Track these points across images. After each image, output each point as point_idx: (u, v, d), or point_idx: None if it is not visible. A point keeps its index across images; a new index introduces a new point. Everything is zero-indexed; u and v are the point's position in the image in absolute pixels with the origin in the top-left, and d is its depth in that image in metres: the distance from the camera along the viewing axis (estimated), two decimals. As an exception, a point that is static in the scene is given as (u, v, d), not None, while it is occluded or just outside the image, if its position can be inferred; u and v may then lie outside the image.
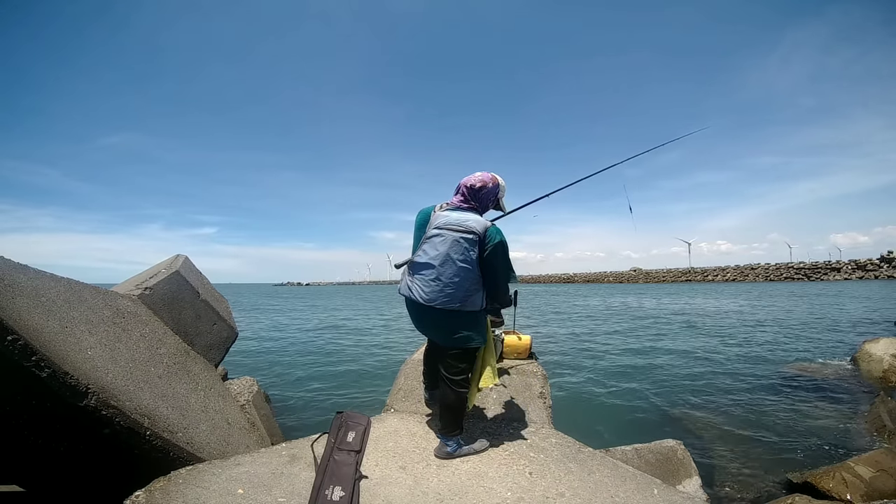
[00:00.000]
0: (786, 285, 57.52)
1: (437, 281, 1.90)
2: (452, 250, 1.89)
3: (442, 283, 1.89)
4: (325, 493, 1.61)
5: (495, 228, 1.94)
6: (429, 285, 1.92)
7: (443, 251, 1.90)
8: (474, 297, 1.94)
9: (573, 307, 23.60)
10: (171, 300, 2.97)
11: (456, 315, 1.94)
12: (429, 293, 1.91)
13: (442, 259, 1.90)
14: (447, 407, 2.03)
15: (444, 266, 1.89)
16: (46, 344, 1.64)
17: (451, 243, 1.90)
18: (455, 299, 1.90)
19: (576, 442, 2.24)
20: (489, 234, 1.90)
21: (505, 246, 1.93)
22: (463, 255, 1.89)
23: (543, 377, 2.91)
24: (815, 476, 3.05)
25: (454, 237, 1.90)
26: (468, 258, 1.89)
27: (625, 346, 10.14)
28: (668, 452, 2.85)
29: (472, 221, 1.92)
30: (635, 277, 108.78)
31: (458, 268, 1.88)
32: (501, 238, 1.92)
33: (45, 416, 1.64)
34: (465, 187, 2.02)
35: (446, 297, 1.89)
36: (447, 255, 1.89)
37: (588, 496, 1.72)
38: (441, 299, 1.90)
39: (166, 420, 1.94)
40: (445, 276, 1.89)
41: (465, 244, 1.89)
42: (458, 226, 1.91)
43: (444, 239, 1.91)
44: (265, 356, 9.49)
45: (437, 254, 1.91)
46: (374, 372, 7.77)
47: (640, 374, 7.23)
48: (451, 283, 1.89)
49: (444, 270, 1.89)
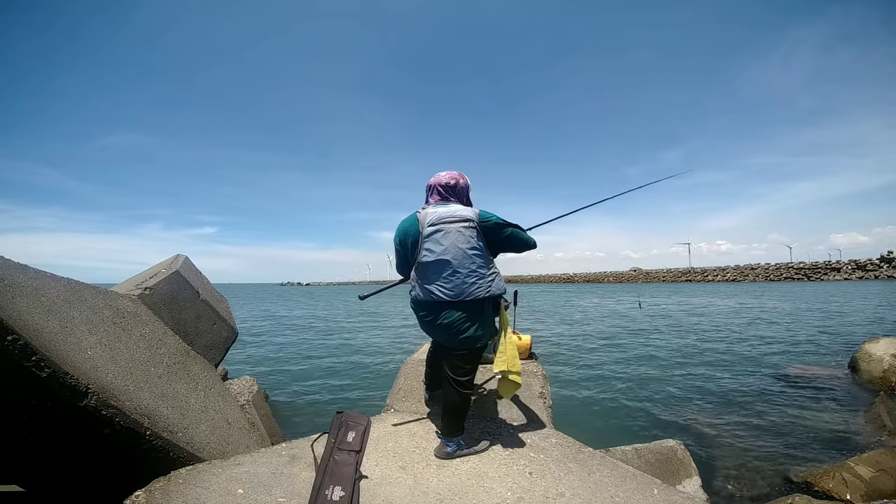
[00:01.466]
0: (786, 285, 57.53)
1: (456, 274, 1.88)
2: (458, 241, 1.89)
3: (462, 275, 1.88)
4: (325, 493, 1.61)
5: (486, 211, 1.99)
6: (450, 281, 1.89)
7: (449, 244, 1.89)
8: (496, 281, 1.95)
9: (573, 307, 23.60)
10: (171, 300, 2.97)
11: (489, 303, 1.96)
12: (452, 288, 1.88)
13: (452, 252, 1.89)
14: (451, 408, 2.02)
15: (456, 258, 1.88)
16: (46, 344, 1.64)
17: (454, 234, 1.90)
18: (481, 287, 1.90)
19: (576, 442, 2.23)
20: (483, 215, 1.96)
21: (502, 219, 1.98)
22: (468, 242, 1.90)
23: (544, 377, 2.91)
24: (815, 476, 3.05)
25: (455, 228, 1.91)
26: (474, 245, 1.90)
27: (625, 346, 10.14)
28: (668, 452, 2.85)
29: (461, 210, 1.96)
30: (635, 277, 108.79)
31: (470, 257, 1.89)
32: (496, 216, 1.98)
33: (45, 416, 1.64)
34: (440, 186, 2.06)
35: (472, 286, 1.88)
36: (455, 246, 1.89)
37: (588, 496, 1.72)
38: (469, 291, 1.88)
39: (166, 420, 1.94)
40: (463, 268, 1.88)
41: (467, 232, 1.90)
42: (452, 217, 1.93)
43: (446, 233, 1.91)
44: (265, 356, 9.49)
45: (445, 248, 1.89)
46: (374, 372, 7.77)
47: (640, 374, 7.23)
48: (471, 272, 1.89)
49: (460, 262, 1.88)
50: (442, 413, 2.09)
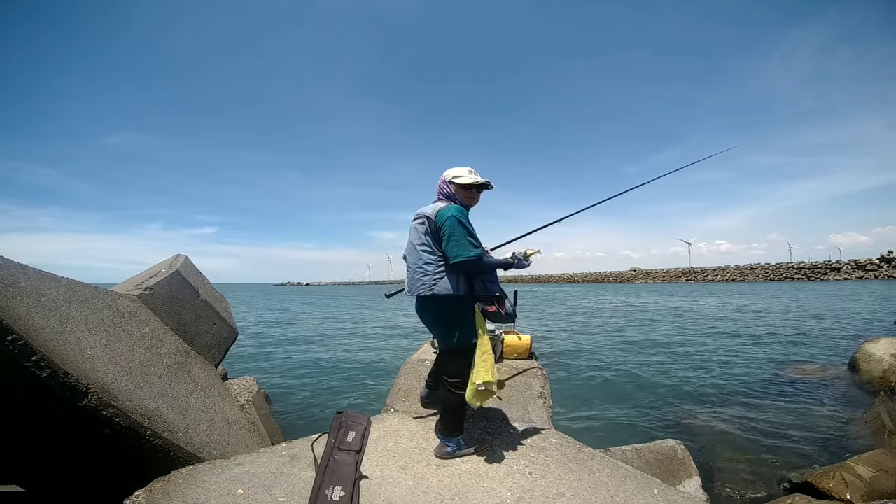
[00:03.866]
0: (786, 285, 57.53)
1: (409, 269, 2.01)
2: (413, 237, 2.01)
3: (412, 271, 1.99)
4: (325, 493, 1.61)
5: (449, 208, 1.90)
6: (408, 275, 2.03)
7: (408, 242, 2.05)
8: (443, 281, 1.89)
9: (573, 307, 23.60)
10: (171, 300, 2.97)
11: (433, 302, 1.94)
12: (409, 283, 2.02)
13: (409, 249, 2.04)
14: (446, 408, 2.04)
15: (410, 255, 2.01)
16: (46, 344, 1.64)
17: (412, 231, 2.03)
18: (424, 284, 1.91)
19: (576, 442, 2.24)
20: (440, 214, 1.89)
21: (455, 219, 1.86)
22: (419, 238, 1.96)
23: (543, 377, 2.91)
24: (815, 476, 3.05)
25: (413, 224, 2.03)
26: (424, 241, 1.94)
27: (625, 346, 10.14)
28: (668, 452, 2.85)
29: (428, 208, 2.00)
30: (635, 277, 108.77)
31: (418, 253, 1.95)
32: (452, 213, 1.87)
33: (45, 416, 1.64)
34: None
35: (417, 282, 1.94)
36: (410, 243, 2.02)
37: (588, 496, 1.72)
38: (415, 287, 1.95)
39: (166, 420, 1.94)
40: (413, 264, 1.98)
41: (421, 229, 1.97)
42: (418, 214, 2.03)
43: (410, 231, 2.05)
44: (265, 356, 9.49)
45: (407, 245, 2.06)
46: (374, 372, 7.77)
47: (640, 374, 7.23)
48: (418, 269, 1.95)
49: (412, 258, 2.00)
50: (440, 413, 2.11)
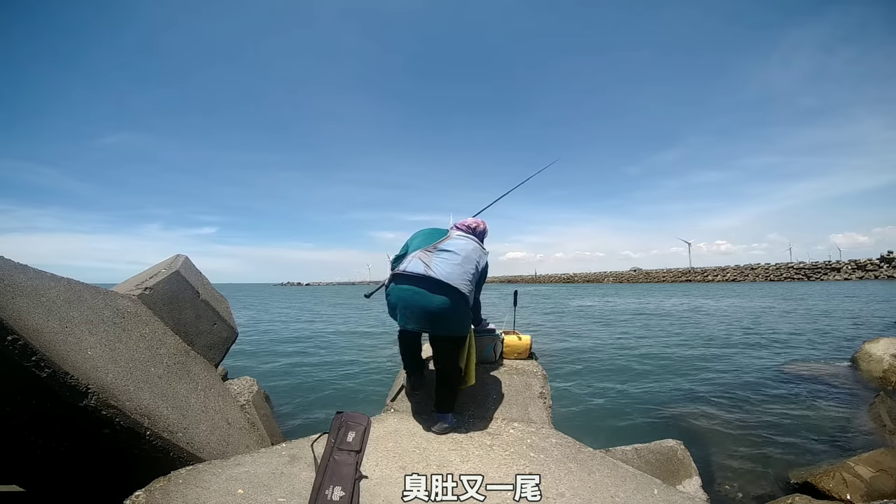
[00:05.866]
0: (786, 285, 57.53)
1: (460, 266, 2.18)
2: (475, 253, 2.28)
3: (462, 269, 2.19)
4: (325, 493, 1.61)
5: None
6: (451, 266, 2.16)
7: (468, 250, 2.26)
8: (475, 294, 2.33)
9: (573, 307, 23.60)
10: (171, 300, 2.97)
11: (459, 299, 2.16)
12: (450, 272, 2.14)
13: (467, 253, 2.24)
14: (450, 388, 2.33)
15: (467, 260, 2.23)
16: (46, 344, 1.64)
17: (473, 247, 2.31)
18: (468, 287, 2.19)
19: (576, 442, 2.24)
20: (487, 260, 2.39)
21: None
22: (477, 261, 2.28)
23: (543, 377, 2.91)
24: (815, 476, 3.05)
25: (475, 245, 2.33)
26: (478, 265, 2.29)
27: (624, 346, 10.14)
28: (668, 452, 2.85)
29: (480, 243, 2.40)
30: (635, 277, 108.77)
31: (474, 265, 2.25)
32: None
33: (45, 416, 1.64)
34: (465, 226, 2.47)
35: (463, 280, 2.16)
36: (470, 253, 2.26)
37: (588, 496, 1.72)
38: (459, 281, 2.15)
39: (166, 420, 1.94)
40: (467, 265, 2.21)
41: (481, 252, 2.34)
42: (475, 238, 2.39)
43: (469, 241, 2.32)
44: (265, 356, 9.49)
45: (463, 248, 2.25)
46: (373, 372, 7.77)
47: (641, 373, 7.24)
48: (469, 272, 2.21)
49: (468, 262, 2.23)
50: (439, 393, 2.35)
